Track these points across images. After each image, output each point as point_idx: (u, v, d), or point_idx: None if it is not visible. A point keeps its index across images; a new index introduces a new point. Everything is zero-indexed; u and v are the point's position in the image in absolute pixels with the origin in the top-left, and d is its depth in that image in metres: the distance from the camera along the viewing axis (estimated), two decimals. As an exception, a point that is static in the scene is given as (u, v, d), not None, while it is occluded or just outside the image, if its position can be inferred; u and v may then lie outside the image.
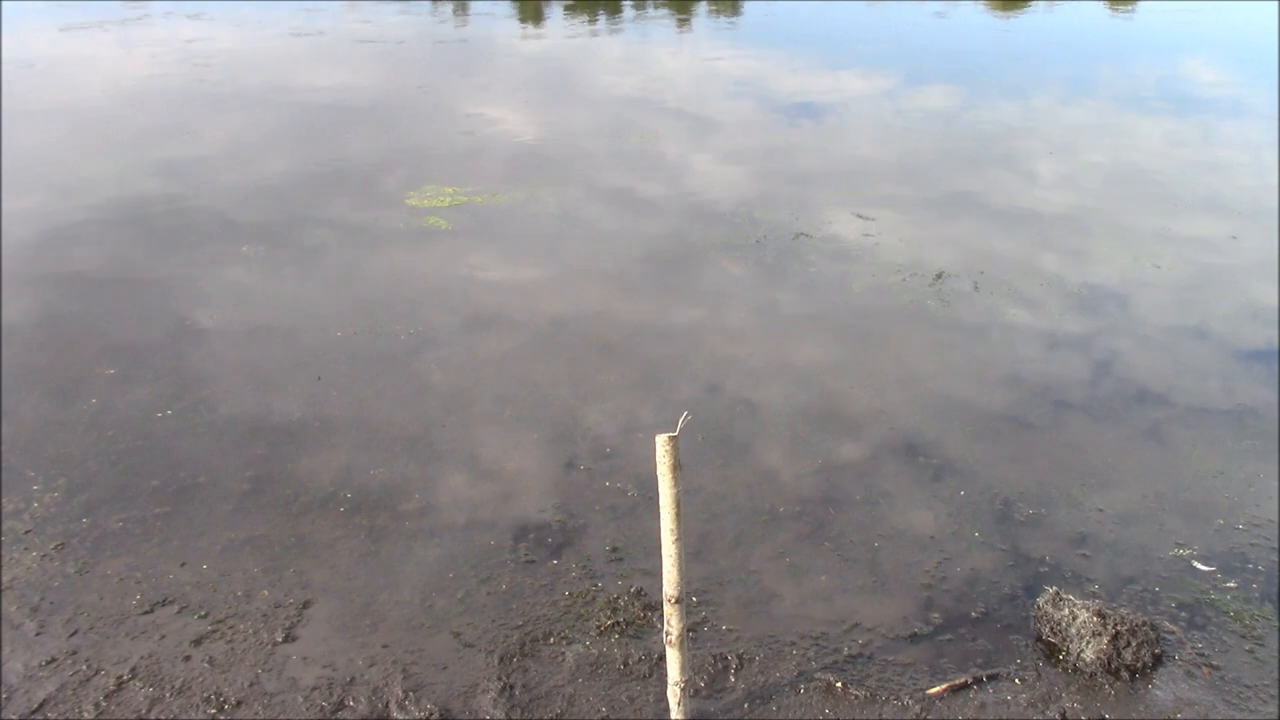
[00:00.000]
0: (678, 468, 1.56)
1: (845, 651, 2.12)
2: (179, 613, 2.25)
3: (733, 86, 8.21)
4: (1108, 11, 13.05)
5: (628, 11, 13.16)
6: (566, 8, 13.05)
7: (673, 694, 1.81)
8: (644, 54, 9.91)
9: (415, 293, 4.08)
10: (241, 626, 2.20)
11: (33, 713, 1.95)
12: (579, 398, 3.24)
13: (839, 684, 2.02)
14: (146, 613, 2.25)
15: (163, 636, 2.17)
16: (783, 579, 2.35)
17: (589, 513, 2.62)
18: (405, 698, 1.99)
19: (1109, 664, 2.13)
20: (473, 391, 3.29)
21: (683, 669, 1.78)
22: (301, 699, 1.99)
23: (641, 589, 2.30)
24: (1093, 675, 2.11)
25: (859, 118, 7.13)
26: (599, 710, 1.96)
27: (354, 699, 1.99)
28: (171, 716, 1.95)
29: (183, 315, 3.86)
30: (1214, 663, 2.14)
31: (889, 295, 4.03)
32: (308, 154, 6.23)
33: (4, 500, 2.66)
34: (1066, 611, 2.21)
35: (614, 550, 2.46)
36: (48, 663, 2.09)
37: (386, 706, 1.97)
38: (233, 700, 1.99)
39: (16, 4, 12.90)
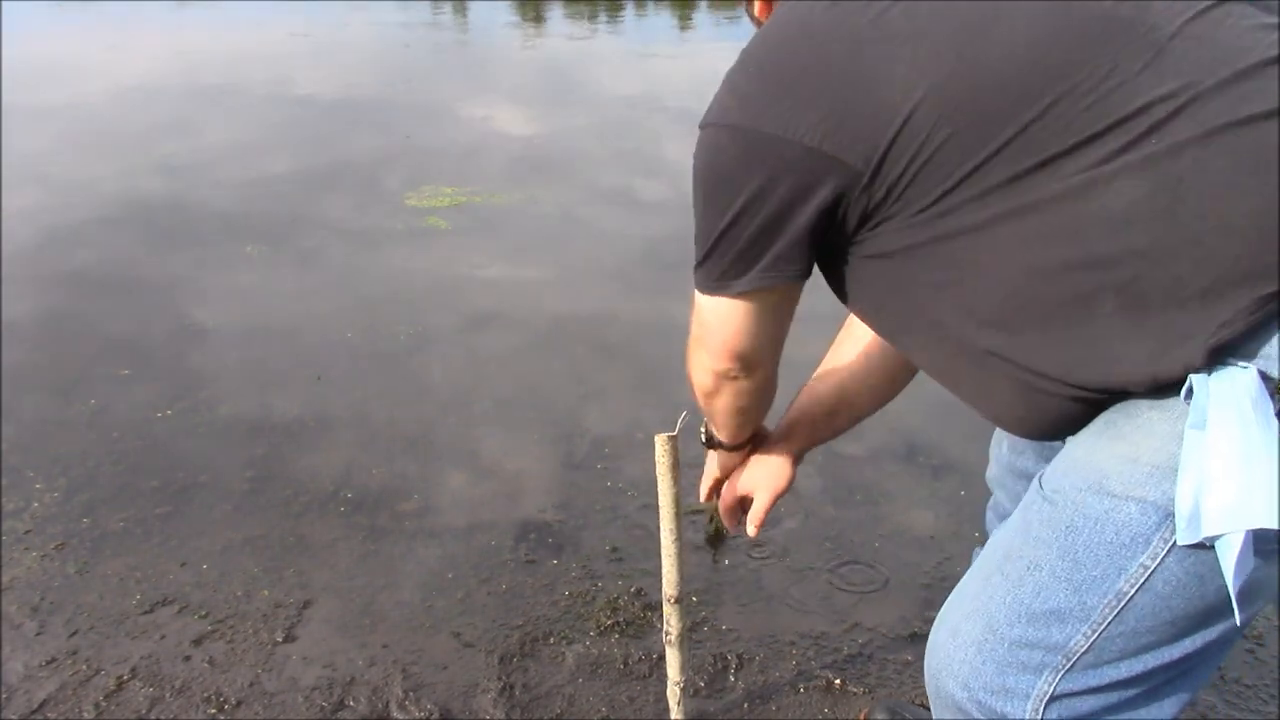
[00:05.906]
0: (677, 467, 1.56)
1: (845, 651, 2.12)
2: (179, 613, 2.25)
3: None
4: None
5: (628, 11, 13.15)
6: (566, 8, 13.04)
7: (672, 694, 1.81)
8: (644, 54, 9.90)
9: (415, 293, 4.09)
10: (241, 626, 2.20)
11: (33, 713, 1.95)
12: (579, 397, 3.24)
13: (838, 682, 2.02)
14: (146, 613, 2.25)
15: (163, 636, 2.17)
16: (783, 578, 2.34)
17: (589, 513, 2.62)
18: (405, 698, 1.98)
19: (1109, 663, 2.12)
20: (473, 391, 3.29)
21: (682, 669, 1.78)
22: (301, 699, 1.99)
23: (641, 589, 2.30)
24: (1093, 675, 2.10)
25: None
26: (599, 710, 1.96)
27: (354, 699, 1.99)
28: (171, 716, 1.95)
29: (183, 315, 3.87)
30: (1214, 662, 2.14)
31: (889, 295, 4.03)
32: (307, 153, 6.23)
33: (4, 500, 2.66)
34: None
35: (614, 550, 2.46)
36: (48, 663, 2.09)
37: (386, 706, 1.97)
38: (233, 700, 1.99)
39: (15, 4, 12.90)
